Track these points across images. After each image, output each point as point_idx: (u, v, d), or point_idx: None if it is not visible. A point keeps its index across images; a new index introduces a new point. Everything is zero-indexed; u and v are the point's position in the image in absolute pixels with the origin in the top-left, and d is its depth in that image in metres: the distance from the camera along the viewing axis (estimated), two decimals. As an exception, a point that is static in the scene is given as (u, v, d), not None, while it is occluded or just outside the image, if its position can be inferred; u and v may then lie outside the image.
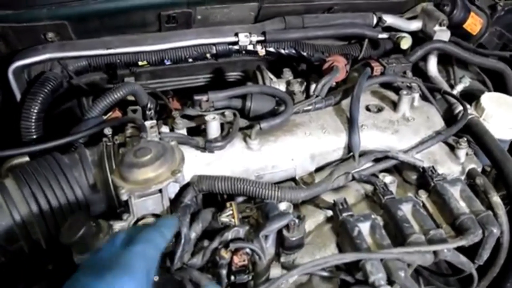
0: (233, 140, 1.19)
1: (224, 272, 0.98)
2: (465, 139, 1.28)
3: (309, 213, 1.18)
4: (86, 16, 1.43)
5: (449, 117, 1.45)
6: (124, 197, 1.03)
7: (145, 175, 1.00)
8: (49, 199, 1.10)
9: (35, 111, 1.34)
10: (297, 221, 1.02)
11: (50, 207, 1.10)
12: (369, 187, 1.24)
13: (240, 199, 1.18)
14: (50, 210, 1.10)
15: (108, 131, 1.21)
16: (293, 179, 1.28)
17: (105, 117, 1.32)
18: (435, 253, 1.00)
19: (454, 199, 1.11)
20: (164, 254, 0.93)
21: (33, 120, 1.33)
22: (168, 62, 1.56)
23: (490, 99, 1.50)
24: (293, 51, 1.63)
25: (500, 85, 1.74)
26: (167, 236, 0.89)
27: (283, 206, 1.09)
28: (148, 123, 1.21)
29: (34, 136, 1.33)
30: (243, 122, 1.28)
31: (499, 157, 1.28)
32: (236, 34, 1.55)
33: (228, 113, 1.27)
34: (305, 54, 1.63)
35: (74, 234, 0.95)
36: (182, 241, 0.99)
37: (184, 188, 1.11)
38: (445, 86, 1.59)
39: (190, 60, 1.59)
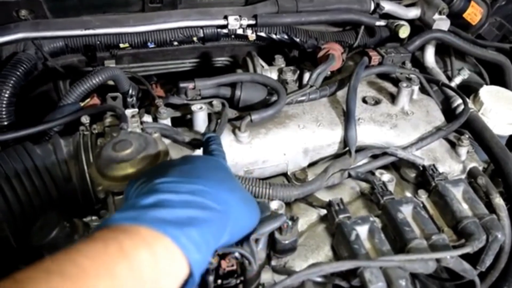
0: (221, 133, 1.11)
1: (211, 278, 0.90)
2: (467, 136, 1.21)
3: (301, 211, 1.11)
4: (61, -8, 1.32)
5: (446, 110, 1.38)
6: (101, 195, 0.94)
7: (125, 171, 0.91)
8: (18, 194, 1.02)
9: (6, 95, 1.23)
10: (290, 223, 0.94)
11: (20, 202, 1.02)
12: (364, 184, 1.17)
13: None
14: (20, 206, 1.02)
15: (85, 119, 1.13)
16: (284, 175, 1.20)
17: (82, 104, 1.22)
18: (437, 260, 0.94)
19: (457, 201, 1.05)
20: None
21: (4, 105, 1.23)
22: (151, 45, 1.46)
23: (489, 93, 1.44)
24: (286, 36, 1.54)
25: (497, 78, 1.68)
26: None
27: (274, 205, 1.01)
28: (129, 112, 1.12)
29: (5, 123, 1.23)
30: (232, 113, 1.20)
31: (500, 155, 1.23)
32: (226, 17, 1.45)
33: (216, 102, 1.19)
34: (298, 40, 1.55)
35: (46, 235, 0.88)
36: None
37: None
38: (443, 78, 1.52)
39: (176, 43, 1.49)
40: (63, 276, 0.51)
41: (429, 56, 1.59)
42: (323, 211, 1.09)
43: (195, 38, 1.49)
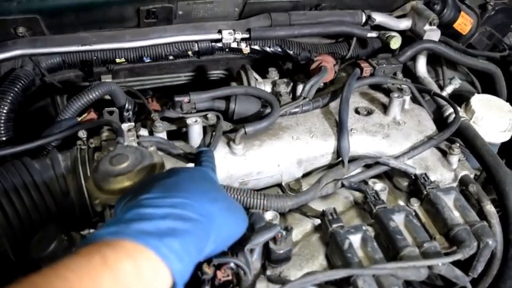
0: (216, 145, 1.13)
1: (207, 288, 0.92)
2: (458, 144, 1.23)
3: (296, 221, 1.12)
4: (60, 10, 1.34)
5: (438, 119, 1.40)
6: (98, 208, 0.96)
7: (121, 184, 0.92)
8: (17, 208, 1.03)
9: (5, 111, 1.25)
10: (284, 233, 0.96)
11: (19, 217, 1.03)
12: (358, 194, 1.19)
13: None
14: (19, 220, 1.04)
15: (82, 134, 1.15)
16: (279, 185, 1.22)
17: (79, 119, 1.24)
18: (429, 267, 0.95)
19: (448, 208, 1.07)
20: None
21: (2, 121, 1.25)
22: (147, 60, 1.48)
23: (480, 102, 1.46)
24: (279, 49, 1.56)
25: (489, 87, 1.70)
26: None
27: (269, 215, 1.03)
28: (125, 126, 1.14)
29: (4, 138, 1.25)
30: (226, 126, 1.22)
31: (491, 163, 1.24)
32: (220, 31, 1.47)
33: (211, 115, 1.21)
34: (291, 52, 1.57)
35: (45, 248, 0.89)
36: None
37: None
38: (435, 87, 1.55)
39: (171, 57, 1.51)
40: None
41: (421, 66, 1.62)
42: (318, 221, 1.10)
43: (190, 52, 1.51)
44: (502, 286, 1.20)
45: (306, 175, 1.25)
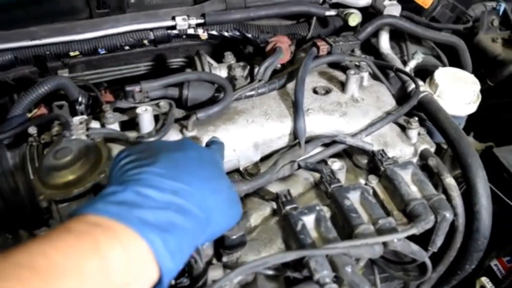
0: (167, 133, 1.10)
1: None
2: (416, 118, 1.21)
3: (254, 206, 1.11)
4: (6, 5, 1.31)
5: (403, 95, 1.38)
6: (43, 204, 0.94)
7: (65, 178, 0.91)
8: (-36, 208, 1.01)
9: (-46, 111, 1.22)
10: (236, 218, 0.94)
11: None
12: (318, 175, 1.17)
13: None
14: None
15: (32, 130, 1.12)
16: (237, 171, 1.20)
17: (29, 115, 1.22)
18: (384, 244, 0.94)
19: (405, 183, 1.05)
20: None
21: (-48, 121, 1.22)
22: (102, 51, 1.45)
23: (445, 75, 1.44)
24: (237, 33, 1.53)
25: (456, 60, 1.68)
26: None
27: (223, 201, 1.01)
28: (77, 119, 1.11)
29: (-45, 139, 1.22)
30: (179, 113, 1.19)
31: (454, 136, 1.23)
32: (173, 18, 1.45)
33: (163, 103, 1.18)
34: (249, 36, 1.54)
35: (-13, 248, 0.87)
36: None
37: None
38: (398, 63, 1.52)
39: (127, 47, 1.48)
40: (32, 270, 0.50)
41: (384, 42, 1.59)
42: (276, 205, 1.09)
43: (145, 41, 1.48)
44: (469, 259, 1.19)
45: (265, 158, 1.23)
